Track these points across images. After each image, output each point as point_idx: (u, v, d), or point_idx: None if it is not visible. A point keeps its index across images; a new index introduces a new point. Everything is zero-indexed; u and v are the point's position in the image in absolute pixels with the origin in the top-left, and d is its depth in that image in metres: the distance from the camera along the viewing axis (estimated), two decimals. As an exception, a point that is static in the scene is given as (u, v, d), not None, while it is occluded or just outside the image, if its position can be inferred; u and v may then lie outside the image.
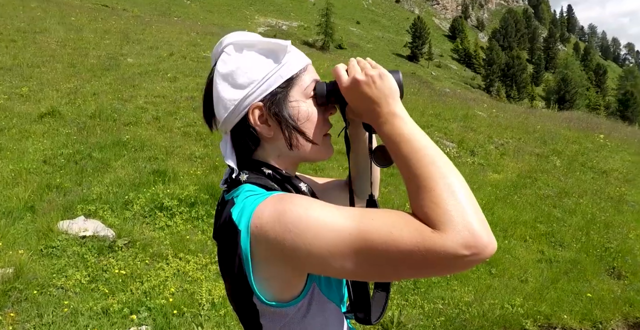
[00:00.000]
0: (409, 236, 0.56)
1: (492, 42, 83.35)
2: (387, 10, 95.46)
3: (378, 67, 0.72)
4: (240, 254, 0.64)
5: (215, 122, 0.78)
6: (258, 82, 0.72)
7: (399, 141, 0.66)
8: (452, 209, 0.56)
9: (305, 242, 0.59)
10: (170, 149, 5.47)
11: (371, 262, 0.58)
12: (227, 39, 0.76)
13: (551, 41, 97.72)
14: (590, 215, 5.49)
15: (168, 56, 11.01)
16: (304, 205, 0.62)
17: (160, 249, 3.29)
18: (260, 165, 0.75)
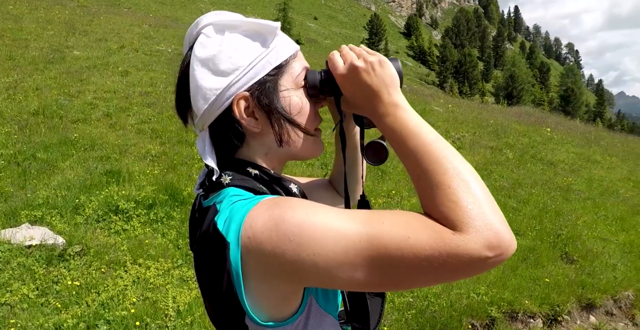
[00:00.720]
0: (427, 240, 0.49)
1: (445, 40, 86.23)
2: (344, 7, 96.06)
3: (376, 53, 0.65)
4: (230, 270, 0.54)
5: (192, 115, 0.68)
6: (244, 69, 0.62)
7: (405, 134, 0.59)
8: (473, 207, 0.50)
9: (309, 253, 0.51)
10: (123, 147, 5.17)
11: (385, 271, 0.51)
12: (205, 18, 0.66)
13: (500, 40, 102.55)
14: (542, 205, 5.78)
15: (118, 49, 10.43)
16: (304, 210, 0.53)
17: (117, 256, 3.08)
18: (245, 165, 0.66)
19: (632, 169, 9.43)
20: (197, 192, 0.70)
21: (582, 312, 3.57)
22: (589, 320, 3.52)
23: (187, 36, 0.68)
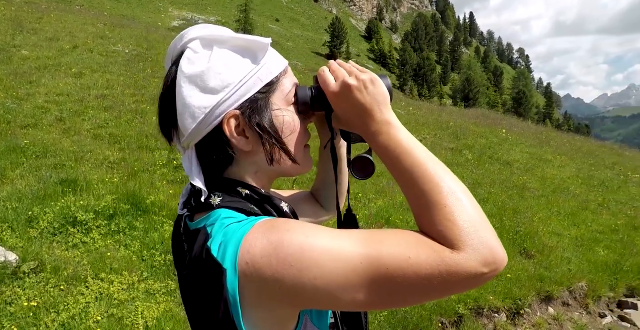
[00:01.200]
0: (427, 260, 0.50)
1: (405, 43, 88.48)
2: (306, 9, 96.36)
3: (367, 71, 0.65)
4: (227, 298, 0.52)
5: (178, 134, 0.64)
6: (234, 86, 0.60)
7: (399, 153, 0.60)
8: (468, 226, 0.52)
9: (310, 277, 0.50)
10: (79, 154, 4.91)
11: (386, 291, 0.51)
12: (192, 32, 0.63)
13: (456, 44, 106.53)
14: (501, 203, 6.03)
15: (72, 49, 9.93)
16: (303, 233, 0.52)
17: (77, 271, 2.90)
18: (236, 185, 0.64)
19: (580, 167, 10.07)
20: (181, 213, 0.67)
21: (542, 305, 3.76)
22: (548, 312, 3.71)
23: (171, 50, 0.65)
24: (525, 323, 3.52)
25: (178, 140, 0.65)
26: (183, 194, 0.69)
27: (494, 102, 75.54)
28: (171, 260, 3.19)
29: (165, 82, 0.64)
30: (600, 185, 8.46)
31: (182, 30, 0.66)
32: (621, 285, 4.24)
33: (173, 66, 0.64)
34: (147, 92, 8.16)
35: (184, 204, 0.67)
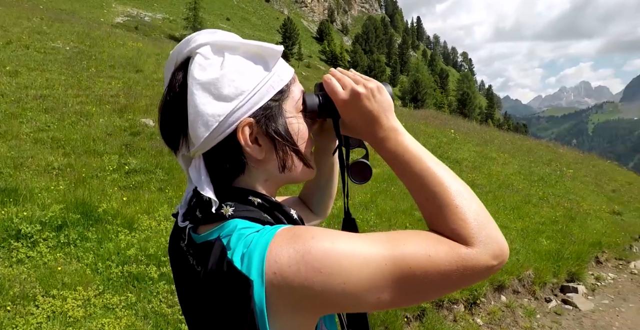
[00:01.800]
0: (445, 257, 0.54)
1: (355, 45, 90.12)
2: (257, 9, 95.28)
3: (372, 80, 0.66)
4: (254, 309, 0.51)
5: (187, 142, 0.62)
6: (248, 94, 0.59)
7: (407, 158, 0.62)
8: (477, 223, 0.56)
9: (339, 282, 0.51)
10: (18, 160, 4.54)
11: (410, 289, 0.54)
12: (200, 37, 0.61)
13: (404, 47, 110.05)
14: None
15: (4, 45, 9.15)
16: (328, 239, 0.53)
17: (24, 289, 2.67)
18: (247, 194, 0.62)
19: (521, 163, 10.79)
20: (182, 225, 0.64)
21: (495, 293, 3.99)
22: (500, 300, 3.95)
23: (175, 54, 0.62)
24: (481, 312, 3.72)
25: (186, 149, 0.63)
26: (182, 204, 0.66)
27: (441, 103, 78.89)
28: (129, 271, 3.04)
29: (170, 88, 0.61)
30: (540, 180, 9.12)
31: (126, 27, 0.63)
32: (563, 272, 4.60)
33: (179, 72, 0.61)
34: (91, 93, 7.69)
35: (184, 215, 0.64)
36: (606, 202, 8.29)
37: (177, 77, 0.61)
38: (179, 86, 0.60)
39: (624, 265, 5.45)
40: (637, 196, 9.97)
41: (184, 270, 0.65)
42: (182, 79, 0.60)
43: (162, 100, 0.63)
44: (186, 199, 0.66)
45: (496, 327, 3.58)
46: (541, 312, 3.97)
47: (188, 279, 0.63)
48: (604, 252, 5.56)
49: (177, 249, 0.67)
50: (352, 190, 6.13)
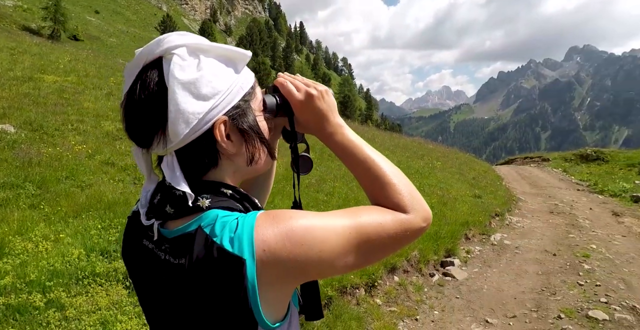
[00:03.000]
0: (392, 223, 0.68)
1: (240, 47, 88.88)
2: (131, 3, 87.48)
3: (319, 84, 0.78)
4: (247, 286, 0.58)
5: (164, 140, 0.64)
6: (223, 94, 0.65)
7: (352, 149, 0.76)
8: (410, 196, 0.72)
9: (317, 251, 0.60)
10: None
11: (368, 251, 0.66)
12: (173, 39, 0.64)
13: (288, 51, 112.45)
14: (344, 195, 6.73)
15: None
16: (303, 217, 0.62)
17: None
18: (219, 186, 0.68)
19: (400, 159, 11.95)
20: (148, 223, 0.67)
21: (389, 275, 4.40)
22: (394, 280, 4.37)
23: (145, 53, 0.64)
24: (379, 293, 4.07)
25: (162, 146, 0.64)
26: (142, 203, 0.69)
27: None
28: (7, 302, 2.62)
29: (143, 87, 0.63)
30: (416, 173, 10.22)
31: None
32: (441, 249, 5.27)
33: (152, 70, 0.63)
34: None
35: (146, 214, 0.68)
36: (469, 188, 9.68)
37: (151, 76, 0.63)
38: (155, 85, 0.62)
39: (486, 239, 6.48)
40: (491, 181, 11.85)
41: (152, 268, 0.67)
42: (158, 78, 0.63)
43: (133, 98, 0.63)
44: (147, 198, 0.69)
45: (393, 304, 3.96)
46: (427, 286, 4.51)
47: (161, 275, 0.66)
48: (470, 230, 6.52)
49: (139, 248, 0.70)
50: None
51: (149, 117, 0.63)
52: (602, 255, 5.85)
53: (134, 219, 0.76)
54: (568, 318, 3.87)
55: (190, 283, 0.61)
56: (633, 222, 8.16)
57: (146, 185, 0.71)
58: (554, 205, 9.45)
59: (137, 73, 0.64)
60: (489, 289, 4.54)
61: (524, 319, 3.85)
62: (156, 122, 0.63)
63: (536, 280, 4.85)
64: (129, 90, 0.64)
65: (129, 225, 0.77)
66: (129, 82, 0.65)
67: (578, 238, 6.75)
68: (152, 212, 0.68)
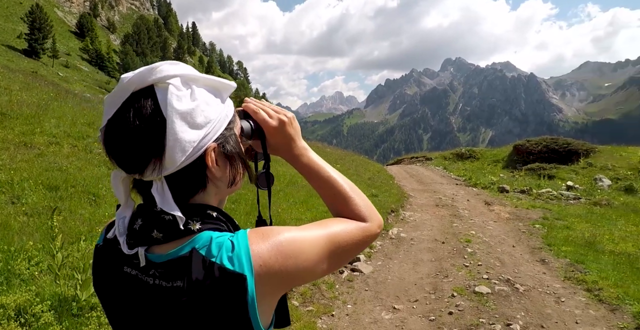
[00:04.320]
0: (355, 231, 0.79)
1: (126, 46, 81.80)
2: (-17, -12, 74.38)
3: (285, 110, 0.86)
4: (247, 300, 0.63)
5: (160, 167, 0.65)
6: (213, 122, 0.69)
7: (317, 169, 0.86)
8: (367, 208, 0.85)
9: (302, 261, 0.68)
10: None
11: (339, 256, 0.75)
12: (167, 68, 0.66)
13: (180, 52, 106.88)
14: (251, 202, 6.72)
15: None
16: (287, 231, 0.69)
17: None
18: (205, 209, 0.71)
19: (303, 163, 12.26)
20: (131, 252, 0.68)
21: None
22: (307, 283, 4.50)
23: (136, 81, 0.64)
24: (295, 295, 4.18)
25: (156, 173, 0.66)
26: (120, 231, 0.69)
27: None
28: None
29: (141, 115, 0.64)
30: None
31: None
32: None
33: (146, 99, 0.64)
34: None
35: (127, 242, 0.69)
36: (366, 188, 10.36)
37: (145, 105, 0.64)
38: (151, 113, 0.64)
39: (386, 234, 7.03)
40: (384, 181, 12.85)
41: (138, 295, 0.68)
42: (154, 106, 0.64)
43: (126, 125, 0.64)
44: (124, 225, 0.70)
45: (309, 304, 4.09)
46: (339, 283, 4.75)
47: (150, 301, 0.67)
48: (372, 226, 7.00)
49: (119, 277, 0.70)
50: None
51: (146, 145, 0.64)
52: (480, 239, 6.80)
53: (106, 247, 0.75)
54: (460, 295, 4.45)
55: (189, 303, 0.64)
56: (501, 209, 9.61)
57: (121, 211, 0.71)
58: (439, 199, 10.63)
59: (124, 99, 0.65)
60: (393, 279, 4.96)
61: (424, 302, 4.31)
62: (153, 150, 0.64)
63: (431, 266, 5.44)
64: (118, 116, 0.65)
65: (100, 254, 0.75)
66: (114, 108, 0.65)
67: (460, 226, 7.72)
68: (134, 238, 0.69)
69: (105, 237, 0.76)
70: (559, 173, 16.77)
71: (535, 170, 17.33)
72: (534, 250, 6.35)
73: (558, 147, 19.77)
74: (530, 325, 3.83)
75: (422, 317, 3.96)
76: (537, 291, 4.67)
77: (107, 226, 0.80)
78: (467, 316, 3.96)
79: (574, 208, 10.01)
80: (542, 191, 12.17)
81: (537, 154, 19.73)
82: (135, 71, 0.66)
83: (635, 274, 5.22)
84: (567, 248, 6.31)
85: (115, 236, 0.72)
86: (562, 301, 4.42)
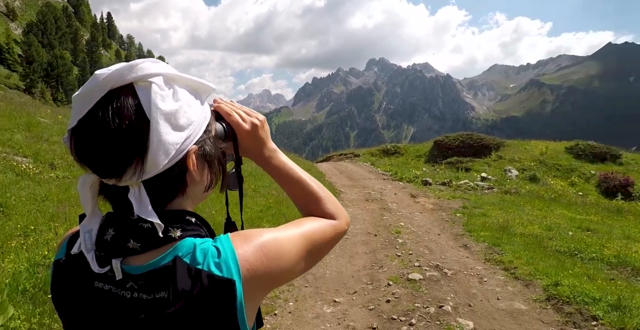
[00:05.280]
0: (329, 229, 0.82)
1: (29, 36, 73.10)
2: None
3: (257, 112, 0.86)
4: (236, 305, 0.62)
5: (140, 170, 0.61)
6: (195, 124, 0.67)
7: (287, 170, 0.87)
8: (335, 207, 0.88)
9: (285, 261, 0.69)
10: None
11: (315, 255, 0.77)
12: (148, 66, 0.61)
13: (94, 45, 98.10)
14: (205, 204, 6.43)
15: None
16: (268, 233, 0.69)
17: None
18: (183, 215, 0.68)
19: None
20: (102, 270, 0.62)
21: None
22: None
23: (114, 78, 0.59)
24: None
25: (137, 176, 0.61)
26: (87, 247, 0.63)
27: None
28: None
29: (121, 115, 0.59)
30: (250, 176, 10.45)
31: None
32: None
33: (126, 98, 0.60)
34: None
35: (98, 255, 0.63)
36: (301, 185, 10.42)
37: (126, 104, 0.59)
38: (134, 113, 0.59)
39: (322, 230, 7.13)
40: (316, 178, 13.01)
41: (113, 311, 0.63)
42: (136, 106, 0.59)
43: (103, 126, 0.58)
44: (92, 239, 0.63)
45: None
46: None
47: (128, 316, 0.62)
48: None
49: (89, 294, 0.64)
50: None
51: (127, 147, 0.59)
52: (409, 230, 7.18)
53: (71, 263, 0.68)
54: (395, 284, 4.66)
55: (175, 315, 0.60)
56: (425, 200, 10.25)
57: (86, 223, 0.65)
58: (368, 193, 11.04)
59: (100, 97, 0.60)
60: (331, 273, 5.05)
61: (363, 293, 4.46)
62: (134, 153, 0.60)
63: (366, 259, 5.63)
64: (94, 116, 0.59)
65: (63, 270, 0.68)
66: (87, 106, 0.60)
67: (390, 219, 8.09)
68: (106, 250, 0.63)
69: (70, 253, 0.68)
70: (474, 166, 18.32)
71: (454, 164, 18.76)
72: (457, 237, 6.86)
73: (473, 142, 21.57)
74: (459, 305, 4.15)
75: (362, 307, 4.09)
76: (462, 274, 5.06)
77: (69, 238, 0.72)
78: (404, 302, 4.17)
79: (488, 197, 11.00)
80: (460, 183, 13.20)
81: (455, 149, 21.36)
82: (111, 68, 0.61)
83: (543, 252, 5.88)
84: (485, 233, 6.91)
85: (81, 251, 0.65)
86: (484, 281, 4.84)
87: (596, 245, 6.40)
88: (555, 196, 12.49)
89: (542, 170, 17.59)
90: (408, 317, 3.84)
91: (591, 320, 3.77)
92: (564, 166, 18.35)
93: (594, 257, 5.85)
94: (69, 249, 0.70)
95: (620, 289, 4.37)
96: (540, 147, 20.90)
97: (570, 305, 4.05)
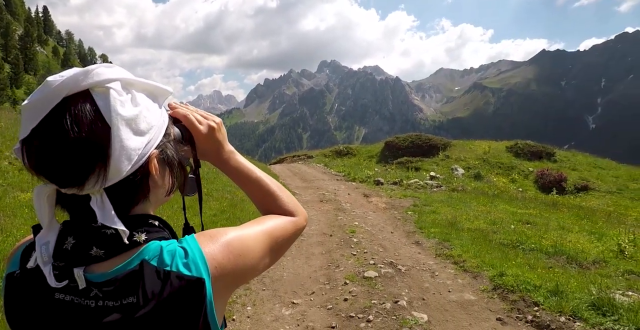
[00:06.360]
0: (290, 226, 0.85)
1: (-54, 30, 66.43)
2: None
3: (213, 115, 0.86)
4: (206, 303, 0.63)
5: (103, 178, 0.60)
6: (155, 128, 0.67)
7: (246, 171, 0.88)
8: (293, 204, 0.91)
9: (250, 258, 0.71)
10: None
11: (277, 251, 0.80)
12: (104, 71, 0.59)
13: (28, 41, 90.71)
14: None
15: None
16: (232, 231, 0.71)
17: None
18: (147, 219, 0.68)
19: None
20: (60, 285, 0.59)
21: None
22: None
23: (68, 84, 0.56)
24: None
25: (99, 184, 0.60)
26: (44, 260, 0.59)
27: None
28: None
29: (80, 122, 0.57)
30: (202, 179, 10.11)
31: None
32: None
33: (83, 104, 0.58)
34: None
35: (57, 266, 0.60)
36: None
37: (84, 110, 0.57)
38: (93, 120, 0.57)
39: (277, 232, 7.08)
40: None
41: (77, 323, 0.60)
42: (95, 113, 0.57)
43: (62, 134, 0.56)
44: (49, 251, 0.60)
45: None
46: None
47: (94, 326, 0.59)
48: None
49: (49, 307, 0.61)
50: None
51: (89, 155, 0.58)
52: (363, 229, 7.32)
53: (25, 277, 0.63)
54: (352, 282, 4.73)
55: (145, 318, 0.59)
56: (378, 200, 10.49)
57: (43, 236, 0.61)
58: (322, 194, 11.12)
59: (54, 105, 0.58)
60: (289, 275, 5.03)
61: (320, 293, 4.47)
62: (96, 160, 0.59)
63: (322, 259, 5.66)
64: (49, 124, 0.57)
65: (18, 284, 0.64)
66: (40, 115, 0.57)
67: (344, 219, 8.20)
68: (66, 260, 0.61)
69: (22, 265, 0.65)
70: (423, 165, 19.03)
71: (404, 164, 19.37)
72: (409, 234, 7.09)
73: (422, 142, 22.40)
74: (413, 299, 4.28)
75: (320, 307, 4.10)
76: (415, 269, 5.23)
77: (23, 250, 0.67)
78: (361, 300, 4.24)
79: (437, 195, 11.47)
80: (410, 182, 13.66)
81: (405, 149, 22.08)
82: (63, 74, 0.58)
83: (488, 245, 6.22)
84: (435, 229, 7.19)
85: (37, 265, 0.62)
86: (436, 275, 5.03)
87: (535, 237, 6.87)
88: (498, 192, 13.28)
89: (485, 169, 18.63)
90: (365, 314, 3.91)
91: (533, 306, 4.04)
92: (505, 164, 19.56)
93: (533, 248, 6.27)
94: (23, 261, 0.66)
95: (558, 276, 4.72)
96: (484, 146, 22.13)
97: (515, 293, 4.31)
